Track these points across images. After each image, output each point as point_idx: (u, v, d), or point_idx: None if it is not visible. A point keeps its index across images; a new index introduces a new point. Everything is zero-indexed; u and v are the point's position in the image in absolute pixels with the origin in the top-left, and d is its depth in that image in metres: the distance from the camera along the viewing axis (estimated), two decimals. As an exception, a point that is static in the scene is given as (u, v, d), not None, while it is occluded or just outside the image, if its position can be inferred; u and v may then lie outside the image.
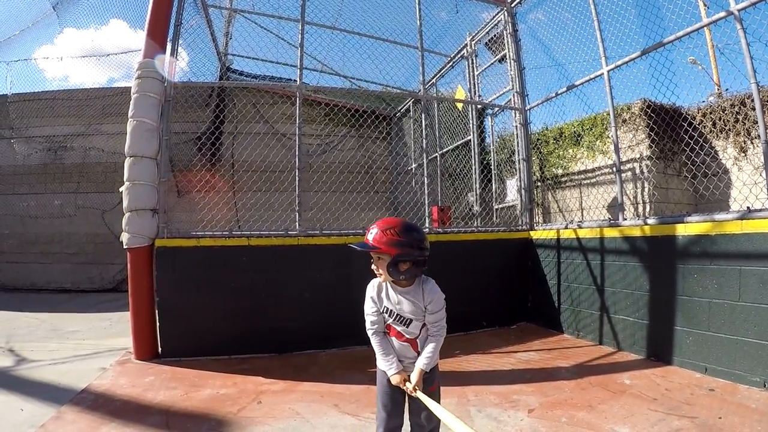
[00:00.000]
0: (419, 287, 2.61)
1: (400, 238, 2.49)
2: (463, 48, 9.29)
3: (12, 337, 6.66)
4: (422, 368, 2.55)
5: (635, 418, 3.61)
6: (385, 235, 2.48)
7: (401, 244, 2.48)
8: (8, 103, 13.16)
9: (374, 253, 2.53)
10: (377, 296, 2.67)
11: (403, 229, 2.53)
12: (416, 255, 2.52)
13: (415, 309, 2.60)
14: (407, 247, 2.49)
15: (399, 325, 2.64)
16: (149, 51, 5.91)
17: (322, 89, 8.57)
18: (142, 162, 5.64)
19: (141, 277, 5.64)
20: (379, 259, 2.53)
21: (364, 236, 2.57)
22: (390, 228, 2.50)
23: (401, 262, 2.49)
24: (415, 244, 2.53)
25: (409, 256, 2.50)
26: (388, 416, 2.68)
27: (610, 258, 5.83)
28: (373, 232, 2.51)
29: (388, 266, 2.50)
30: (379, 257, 2.52)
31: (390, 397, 2.68)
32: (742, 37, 4.40)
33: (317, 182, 7.99)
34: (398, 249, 2.47)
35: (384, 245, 2.47)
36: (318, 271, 5.97)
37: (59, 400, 4.17)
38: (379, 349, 2.64)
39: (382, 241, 2.47)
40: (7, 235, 12.72)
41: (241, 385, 4.67)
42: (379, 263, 2.54)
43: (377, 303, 2.66)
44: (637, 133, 8.49)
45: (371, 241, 2.50)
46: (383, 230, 2.50)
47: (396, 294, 2.62)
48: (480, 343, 6.17)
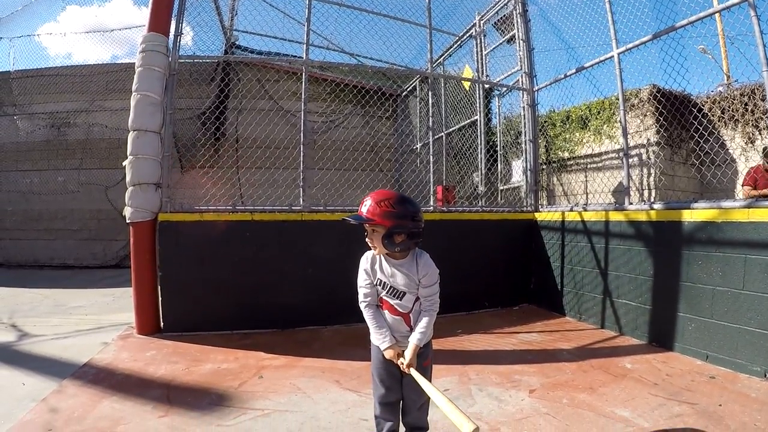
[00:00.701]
0: (413, 260, 2.61)
1: (394, 209, 2.47)
2: (472, 27, 9.18)
3: (15, 313, 6.69)
4: (416, 344, 2.54)
5: (636, 402, 3.61)
6: (380, 207, 2.46)
7: (396, 215, 2.47)
8: (11, 79, 13.10)
9: (369, 226, 2.52)
10: (371, 268, 2.66)
11: (398, 201, 2.51)
12: (411, 227, 2.51)
13: (408, 282, 2.59)
14: (402, 219, 2.48)
15: (392, 298, 2.64)
16: (154, 25, 5.85)
17: (328, 65, 8.47)
18: (145, 136, 5.60)
19: (143, 251, 5.63)
20: (374, 232, 2.52)
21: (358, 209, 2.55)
22: (384, 200, 2.49)
23: (396, 234, 2.48)
24: (410, 215, 2.51)
25: (404, 227, 2.49)
26: (386, 390, 2.70)
27: (614, 242, 5.79)
28: (367, 204, 2.50)
29: (383, 238, 2.48)
30: (374, 229, 2.51)
31: (386, 372, 2.68)
32: (755, 24, 4.31)
33: (321, 159, 7.95)
34: (393, 221, 2.46)
35: (378, 217, 2.45)
36: (321, 247, 5.96)
37: (61, 374, 4.19)
38: (372, 322, 2.63)
39: (377, 213, 2.45)
40: (10, 212, 12.73)
41: (242, 360, 4.69)
42: (374, 236, 2.53)
43: (371, 275, 2.66)
44: (645, 119, 8.41)
45: (365, 214, 2.48)
46: (377, 202, 2.48)
47: (390, 266, 2.61)
48: (482, 323, 6.18)
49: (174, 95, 6.01)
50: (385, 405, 2.72)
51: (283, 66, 10.78)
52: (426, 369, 2.69)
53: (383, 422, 2.75)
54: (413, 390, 2.65)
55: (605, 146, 8.81)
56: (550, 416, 3.38)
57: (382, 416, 2.74)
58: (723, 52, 13.33)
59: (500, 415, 3.43)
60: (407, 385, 2.69)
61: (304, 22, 6.46)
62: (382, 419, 2.75)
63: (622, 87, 5.96)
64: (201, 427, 3.22)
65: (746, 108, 8.71)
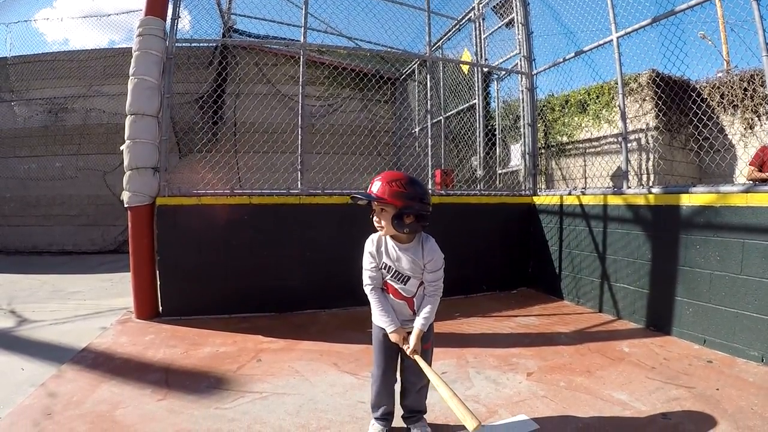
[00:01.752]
0: (419, 244, 2.61)
1: (405, 190, 2.48)
2: (471, 11, 9.12)
3: (14, 299, 6.70)
4: (420, 329, 2.57)
5: (633, 386, 3.62)
6: (390, 186, 2.46)
7: (406, 196, 2.47)
8: (8, 65, 13.02)
9: (378, 205, 2.52)
10: (376, 251, 2.66)
11: (408, 182, 2.52)
12: (419, 208, 2.51)
13: (414, 266, 2.59)
14: (412, 200, 2.48)
15: (397, 282, 2.64)
16: (151, 9, 5.80)
17: (325, 47, 8.41)
18: (143, 120, 5.57)
19: (142, 235, 5.62)
20: (383, 212, 2.52)
21: (367, 189, 2.55)
22: (395, 180, 2.49)
23: (405, 215, 2.48)
24: (419, 197, 2.51)
25: (413, 209, 2.49)
26: (383, 374, 2.71)
27: (612, 226, 5.79)
28: (378, 184, 2.49)
29: (392, 218, 2.48)
30: (383, 209, 2.51)
31: (385, 355, 2.70)
32: (755, 9, 4.27)
33: (320, 143, 7.93)
34: (403, 201, 2.46)
35: (389, 196, 2.45)
36: (319, 231, 5.96)
37: (60, 359, 4.20)
38: (377, 305, 2.64)
39: (388, 193, 2.46)
40: (8, 198, 12.71)
41: (240, 344, 4.70)
42: (383, 215, 2.52)
43: (376, 258, 2.66)
44: (644, 104, 8.39)
45: (376, 193, 2.48)
46: (388, 182, 2.48)
47: (395, 250, 2.61)
48: (480, 307, 6.20)
49: (171, 79, 5.97)
50: (382, 387, 2.72)
51: (281, 50, 10.70)
52: (427, 352, 2.70)
53: (379, 405, 2.76)
54: (413, 373, 2.66)
55: (604, 131, 8.80)
56: (548, 399, 3.40)
57: (378, 398, 2.76)
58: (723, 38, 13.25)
59: (498, 397, 3.44)
60: (407, 369, 2.70)
61: (302, 6, 6.41)
62: (378, 401, 2.76)
63: (621, 71, 5.93)
64: (199, 410, 3.23)
65: (746, 93, 8.69)
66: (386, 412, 2.77)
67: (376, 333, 2.73)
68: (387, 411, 2.77)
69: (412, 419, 2.87)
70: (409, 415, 2.88)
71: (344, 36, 9.27)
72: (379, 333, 2.69)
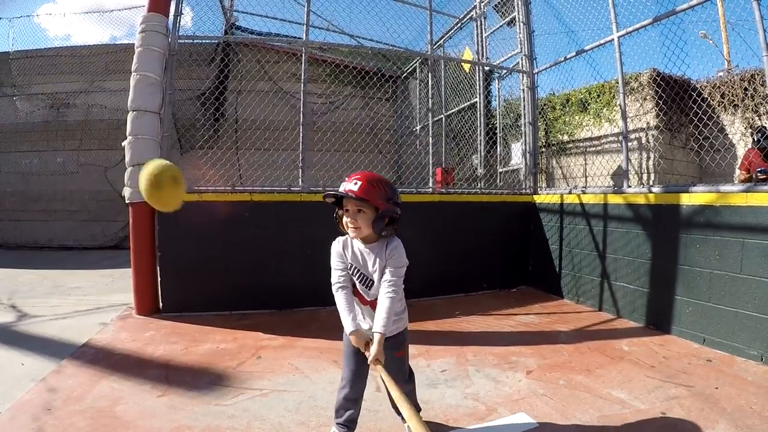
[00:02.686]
0: (383, 244, 2.53)
1: (386, 191, 2.43)
2: (472, 10, 9.12)
3: (14, 294, 6.71)
4: (381, 333, 2.38)
5: (632, 384, 3.63)
6: (372, 187, 2.39)
7: (386, 198, 2.42)
8: (10, 60, 13.01)
9: (356, 206, 2.43)
10: (343, 251, 2.59)
11: (387, 184, 2.48)
12: (396, 211, 2.47)
13: (378, 267, 2.52)
14: (392, 203, 2.44)
15: (361, 284, 2.58)
16: (153, 5, 5.81)
17: (327, 45, 8.42)
18: (145, 116, 5.57)
19: (142, 231, 5.64)
20: (360, 212, 2.43)
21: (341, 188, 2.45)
22: (377, 181, 2.43)
23: (385, 216, 2.43)
24: (396, 199, 2.48)
25: (391, 212, 2.44)
26: (350, 378, 2.64)
27: (612, 225, 5.80)
28: (358, 184, 2.39)
29: (374, 220, 2.41)
30: (361, 210, 2.42)
31: (353, 359, 2.63)
32: (756, 9, 4.27)
33: (321, 140, 7.92)
34: (385, 203, 2.41)
35: (373, 198, 2.38)
36: (320, 228, 5.87)
37: (60, 355, 4.21)
38: (342, 304, 2.50)
39: (372, 194, 2.38)
40: (9, 193, 12.71)
41: (241, 341, 4.71)
42: (360, 216, 2.43)
43: (344, 257, 2.58)
44: (645, 103, 8.38)
45: (357, 193, 2.37)
46: (370, 182, 2.40)
47: (361, 252, 2.56)
48: (480, 305, 6.21)
49: (173, 76, 5.97)
50: (348, 392, 2.64)
51: (283, 47, 10.69)
52: (400, 360, 2.64)
53: (343, 410, 2.67)
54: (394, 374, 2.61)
55: (605, 129, 8.80)
56: (547, 397, 3.40)
57: (342, 402, 2.67)
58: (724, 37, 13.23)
59: (497, 395, 3.45)
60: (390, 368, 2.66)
61: (304, 3, 6.41)
62: (342, 405, 2.67)
63: (622, 71, 5.93)
64: (199, 406, 3.23)
65: (746, 93, 8.68)
66: (350, 419, 2.67)
67: (345, 337, 2.63)
68: (351, 418, 2.67)
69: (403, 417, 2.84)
70: (400, 414, 2.85)
71: (346, 34, 9.29)
72: (348, 339, 2.60)
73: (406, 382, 2.76)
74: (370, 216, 2.42)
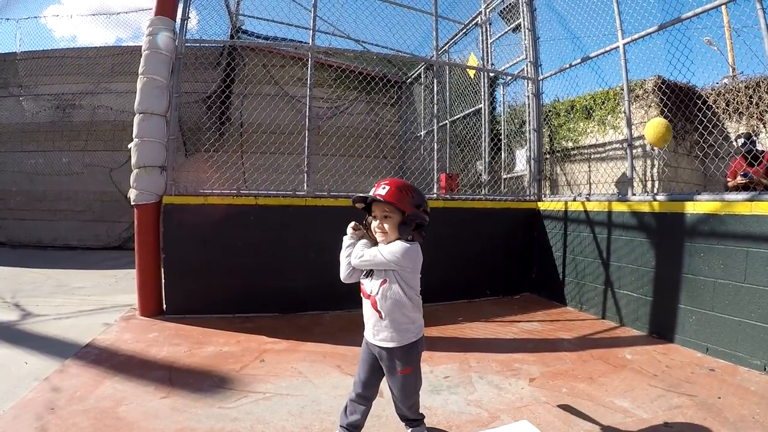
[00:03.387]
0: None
1: (414, 198, 2.45)
2: (477, 15, 9.14)
3: (18, 293, 6.73)
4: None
5: (635, 393, 3.63)
6: (401, 192, 2.42)
7: (415, 203, 2.45)
8: (17, 60, 13.08)
9: (384, 211, 2.46)
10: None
11: (416, 190, 2.50)
12: (422, 217, 2.49)
13: None
14: (419, 208, 2.47)
15: (364, 277, 2.61)
16: (160, 9, 5.83)
17: (333, 51, 8.45)
18: (151, 119, 5.60)
19: (147, 233, 5.65)
20: (387, 218, 2.45)
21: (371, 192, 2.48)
22: (404, 187, 2.46)
23: (412, 222, 2.45)
24: (424, 207, 2.50)
25: (419, 217, 2.47)
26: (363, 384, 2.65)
27: (616, 232, 5.79)
28: (387, 188, 2.43)
29: (399, 224, 2.44)
30: (388, 215, 2.45)
31: (368, 366, 2.65)
32: (761, 16, 4.28)
33: (326, 145, 7.93)
34: (413, 209, 2.44)
35: (400, 202, 2.41)
36: (324, 232, 5.90)
37: (63, 354, 4.23)
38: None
39: (400, 199, 2.41)
40: (15, 192, 12.77)
41: (244, 344, 4.72)
42: (387, 221, 2.45)
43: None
44: (650, 110, 8.38)
45: (386, 197, 2.41)
46: (398, 188, 2.43)
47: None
48: (483, 311, 6.21)
49: (180, 79, 6.00)
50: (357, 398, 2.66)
51: (289, 51, 10.72)
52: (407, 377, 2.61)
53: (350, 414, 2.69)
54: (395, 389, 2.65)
55: (609, 137, 8.79)
56: (550, 405, 3.40)
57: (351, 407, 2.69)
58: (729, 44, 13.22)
59: (500, 402, 3.45)
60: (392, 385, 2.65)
61: (311, 8, 6.45)
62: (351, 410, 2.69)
63: (627, 78, 5.94)
64: (203, 408, 3.24)
65: (751, 100, 8.68)
66: (354, 424, 2.68)
67: (363, 344, 2.69)
68: (356, 423, 2.68)
69: (410, 424, 2.86)
70: (405, 422, 2.88)
71: (351, 39, 9.30)
72: (365, 346, 2.65)
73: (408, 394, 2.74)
74: (397, 221, 2.45)
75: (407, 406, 2.76)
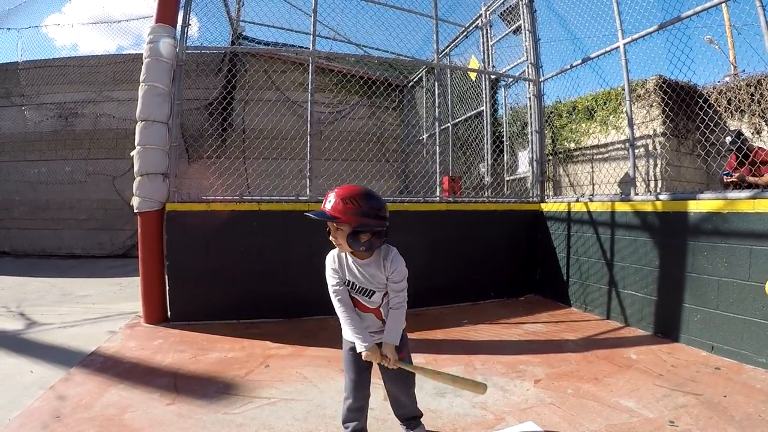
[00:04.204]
0: (380, 258, 2.54)
1: (360, 206, 2.39)
2: (478, 18, 9.15)
3: (23, 302, 6.74)
4: (393, 344, 2.54)
5: (640, 393, 3.62)
6: (345, 204, 2.38)
7: (361, 213, 2.38)
8: (19, 70, 13.11)
9: (332, 224, 2.45)
10: (338, 267, 2.61)
11: (364, 197, 2.43)
12: (375, 225, 2.43)
13: (377, 280, 2.54)
14: (367, 217, 2.40)
15: (361, 296, 2.60)
16: (161, 16, 5.86)
17: (334, 56, 8.49)
18: (153, 126, 5.62)
19: (151, 241, 5.66)
20: (338, 230, 2.44)
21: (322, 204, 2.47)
22: (349, 196, 2.40)
23: (361, 233, 2.41)
24: (374, 213, 2.43)
25: (369, 226, 2.41)
26: (355, 389, 2.66)
27: (620, 232, 5.79)
28: (332, 201, 2.41)
29: (347, 237, 2.40)
30: (338, 228, 2.43)
31: (356, 369, 2.65)
32: (761, 14, 4.28)
33: (328, 149, 7.95)
34: (358, 219, 2.38)
35: (343, 215, 2.37)
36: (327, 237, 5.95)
37: (69, 362, 4.24)
38: (348, 322, 2.56)
39: (342, 211, 2.37)
40: (18, 202, 12.78)
41: (249, 349, 4.73)
42: (338, 234, 2.44)
43: (339, 273, 2.61)
44: (651, 110, 8.39)
45: (329, 211, 2.40)
46: (342, 198, 2.39)
47: (356, 266, 2.56)
48: (488, 313, 6.20)
49: (181, 86, 6.02)
50: (353, 403, 2.67)
51: (290, 57, 10.77)
52: (404, 360, 2.65)
53: (350, 420, 2.71)
54: (395, 382, 2.65)
55: (611, 137, 8.81)
56: (555, 406, 3.40)
57: (348, 414, 2.71)
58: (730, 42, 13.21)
59: (505, 404, 3.45)
60: (389, 380, 2.68)
61: (311, 13, 6.46)
62: (348, 417, 2.71)
63: (628, 78, 5.95)
64: (208, 414, 3.25)
65: (752, 98, 8.67)
66: (356, 429, 2.71)
67: (345, 347, 2.68)
68: (357, 428, 2.71)
69: (410, 425, 2.87)
70: (405, 422, 2.88)
71: (352, 43, 9.33)
72: (347, 347, 2.65)
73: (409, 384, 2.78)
74: (346, 232, 2.42)
75: (409, 393, 2.78)
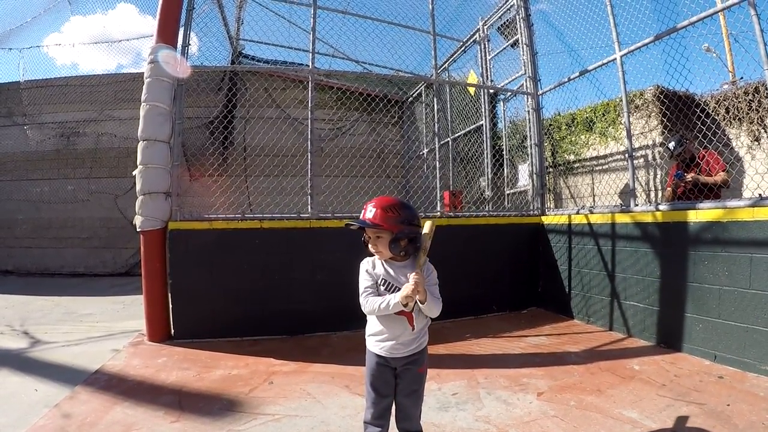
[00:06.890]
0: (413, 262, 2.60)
1: (399, 215, 2.51)
2: (476, 33, 9.24)
3: (26, 320, 6.75)
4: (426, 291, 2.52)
5: (644, 403, 3.62)
6: (385, 212, 2.50)
7: (401, 220, 2.51)
8: (21, 89, 13.20)
9: (374, 232, 2.54)
10: (372, 270, 2.66)
11: (401, 207, 2.56)
12: (411, 232, 2.54)
13: None
14: (406, 225, 2.52)
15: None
16: (162, 36, 5.92)
17: (333, 73, 8.56)
18: (155, 146, 5.67)
19: (154, 259, 5.69)
20: (379, 238, 2.54)
21: (361, 215, 2.57)
22: (390, 206, 2.52)
23: (401, 239, 2.50)
24: (410, 221, 2.55)
25: (406, 233, 2.52)
26: (378, 397, 2.67)
27: (621, 244, 5.81)
28: (373, 211, 2.52)
29: (390, 243, 2.50)
30: (379, 236, 2.53)
31: (380, 378, 2.66)
32: (755, 23, 4.34)
33: (329, 166, 7.99)
34: (398, 226, 2.49)
35: (386, 223, 2.48)
36: (330, 254, 5.99)
37: (73, 381, 4.23)
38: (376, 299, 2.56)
39: (384, 219, 2.49)
40: (21, 221, 12.82)
41: (252, 366, 4.73)
42: (378, 242, 2.54)
43: (373, 275, 2.65)
44: (650, 120, 8.42)
45: (372, 219, 2.51)
46: (383, 208, 2.51)
47: (392, 269, 2.62)
48: (490, 327, 6.20)
49: (182, 105, 6.08)
50: (376, 411, 2.68)
51: (290, 74, 10.83)
52: (420, 376, 2.70)
53: (373, 428, 2.71)
54: (410, 396, 2.67)
55: (611, 148, 8.83)
56: (558, 419, 3.40)
57: (372, 422, 2.71)
58: (727, 50, 13.25)
59: (508, 418, 3.45)
60: (401, 392, 2.70)
61: (310, 31, 6.53)
62: (372, 425, 2.71)
63: (625, 89, 6.00)
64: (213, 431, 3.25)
65: (750, 106, 8.70)
66: None
67: (369, 357, 2.71)
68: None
69: None
70: None
71: (352, 60, 9.39)
72: (372, 358, 2.67)
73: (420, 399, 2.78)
74: (387, 240, 2.51)
75: (418, 406, 2.78)
